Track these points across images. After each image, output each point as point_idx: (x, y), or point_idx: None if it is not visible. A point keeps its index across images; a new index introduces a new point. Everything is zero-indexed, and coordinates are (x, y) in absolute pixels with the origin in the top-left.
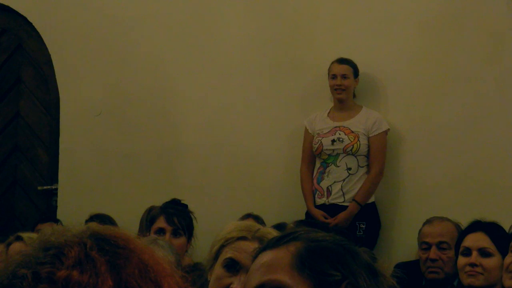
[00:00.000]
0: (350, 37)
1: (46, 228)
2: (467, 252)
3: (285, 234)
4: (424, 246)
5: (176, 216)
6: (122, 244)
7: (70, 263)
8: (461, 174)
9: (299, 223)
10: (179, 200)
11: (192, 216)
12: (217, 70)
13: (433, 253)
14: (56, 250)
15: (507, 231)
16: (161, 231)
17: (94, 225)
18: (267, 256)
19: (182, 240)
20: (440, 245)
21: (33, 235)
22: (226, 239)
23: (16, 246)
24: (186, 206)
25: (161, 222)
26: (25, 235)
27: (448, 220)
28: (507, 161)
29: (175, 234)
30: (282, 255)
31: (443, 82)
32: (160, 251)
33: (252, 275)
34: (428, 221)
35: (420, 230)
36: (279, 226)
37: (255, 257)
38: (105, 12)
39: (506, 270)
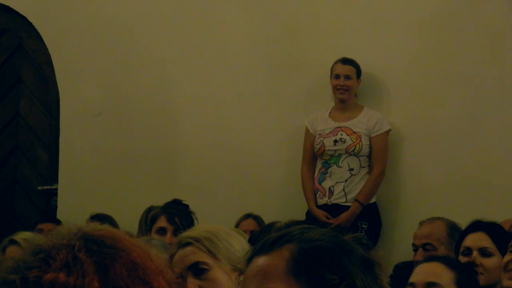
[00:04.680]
0: (350, 37)
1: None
2: (467, 252)
3: (278, 237)
4: (413, 248)
5: (177, 216)
6: (110, 244)
7: (58, 266)
8: (461, 174)
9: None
10: (181, 201)
11: (194, 217)
12: (217, 70)
13: (419, 255)
14: (45, 254)
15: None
16: (162, 231)
17: (85, 226)
18: (261, 262)
19: None
20: (425, 247)
21: (29, 234)
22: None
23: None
24: (187, 206)
25: (162, 222)
26: (19, 237)
27: (441, 219)
28: (507, 161)
29: (176, 233)
30: (277, 261)
31: (443, 82)
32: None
33: (248, 282)
34: (420, 223)
35: None
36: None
37: (249, 260)
38: (105, 12)
39: (505, 269)
